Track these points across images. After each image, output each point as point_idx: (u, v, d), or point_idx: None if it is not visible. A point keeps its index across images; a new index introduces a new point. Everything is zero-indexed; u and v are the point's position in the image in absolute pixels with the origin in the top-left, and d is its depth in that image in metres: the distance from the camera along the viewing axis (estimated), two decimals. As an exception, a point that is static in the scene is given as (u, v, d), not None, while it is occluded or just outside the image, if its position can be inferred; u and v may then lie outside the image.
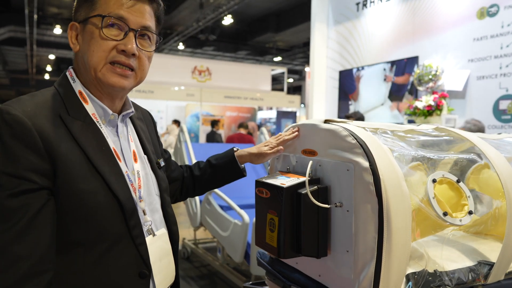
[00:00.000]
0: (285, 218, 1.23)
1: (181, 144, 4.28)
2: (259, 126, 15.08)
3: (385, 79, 5.23)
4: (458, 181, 1.32)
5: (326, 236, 1.26)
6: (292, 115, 10.20)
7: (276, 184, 1.26)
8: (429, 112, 4.15)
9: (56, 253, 0.89)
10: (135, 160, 1.09)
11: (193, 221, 4.12)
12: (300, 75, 22.27)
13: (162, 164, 1.23)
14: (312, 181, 1.26)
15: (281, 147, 1.38)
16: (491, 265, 1.36)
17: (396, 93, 5.11)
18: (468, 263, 1.38)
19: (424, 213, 1.26)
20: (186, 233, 4.94)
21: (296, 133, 1.32)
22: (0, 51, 16.55)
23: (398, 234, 1.10)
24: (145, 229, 1.04)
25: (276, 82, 18.40)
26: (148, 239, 1.04)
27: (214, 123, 9.43)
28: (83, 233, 0.92)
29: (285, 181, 1.28)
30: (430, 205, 1.23)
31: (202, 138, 11.52)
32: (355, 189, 1.16)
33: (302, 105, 19.55)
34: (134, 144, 1.12)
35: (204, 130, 11.66)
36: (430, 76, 4.30)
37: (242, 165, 1.48)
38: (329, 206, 1.22)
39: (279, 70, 14.03)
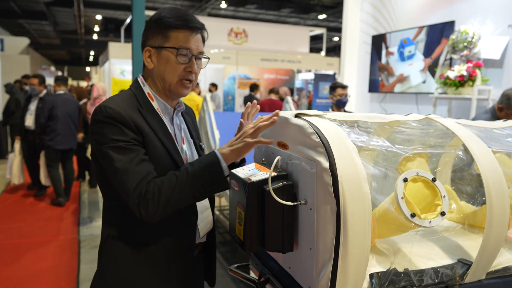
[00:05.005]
0: (251, 213, 1.24)
1: (204, 113, 4.33)
2: (300, 89, 14.81)
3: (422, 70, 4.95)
4: (433, 180, 1.26)
5: (292, 232, 1.25)
6: (330, 78, 9.92)
7: (243, 178, 1.26)
8: (461, 82, 3.90)
9: None
10: (183, 142, 1.48)
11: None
12: (344, 34, 21.45)
13: (203, 146, 1.65)
14: (279, 177, 1.25)
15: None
16: (469, 264, 1.31)
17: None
18: (446, 261, 1.34)
19: (393, 212, 1.23)
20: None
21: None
22: (50, 11, 17.04)
23: (355, 237, 1.09)
24: None
25: (320, 40, 17.83)
26: None
27: (254, 87, 9.22)
28: None
29: (254, 175, 1.27)
30: (398, 206, 1.19)
31: (239, 101, 11.53)
32: (317, 189, 1.14)
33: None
34: (183, 131, 1.52)
35: (240, 93, 11.61)
36: (465, 43, 4.02)
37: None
38: (291, 204, 1.21)
39: (317, 31, 13.54)
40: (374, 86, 5.79)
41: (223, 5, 15.36)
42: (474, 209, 1.56)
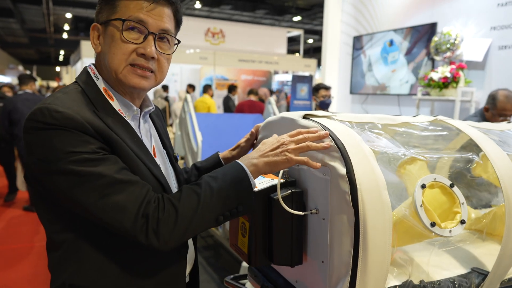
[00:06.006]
0: (256, 224, 1.13)
1: (185, 115, 4.21)
2: (279, 90, 14.78)
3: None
4: (451, 186, 1.18)
5: (301, 244, 1.15)
6: (308, 80, 9.91)
7: (248, 186, 1.15)
8: (445, 84, 3.91)
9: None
10: (154, 154, 1.14)
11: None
12: (320, 35, 21.63)
13: (178, 158, 1.30)
14: (287, 184, 1.15)
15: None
16: (485, 274, 1.25)
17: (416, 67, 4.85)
18: (460, 271, 1.27)
19: (410, 221, 1.15)
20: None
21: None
22: (17, 9, 16.45)
23: (375, 250, 0.99)
24: None
25: (296, 43, 17.94)
26: None
27: (232, 88, 9.02)
28: None
29: (259, 182, 1.17)
30: (417, 214, 1.11)
31: (216, 103, 11.34)
32: (331, 197, 1.05)
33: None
34: (154, 140, 1.17)
35: (218, 94, 11.46)
36: (448, 45, 4.03)
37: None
38: (302, 213, 1.11)
39: (295, 32, 13.54)
40: (355, 87, 5.78)
41: (198, 5, 15.19)
42: (483, 215, 1.50)
